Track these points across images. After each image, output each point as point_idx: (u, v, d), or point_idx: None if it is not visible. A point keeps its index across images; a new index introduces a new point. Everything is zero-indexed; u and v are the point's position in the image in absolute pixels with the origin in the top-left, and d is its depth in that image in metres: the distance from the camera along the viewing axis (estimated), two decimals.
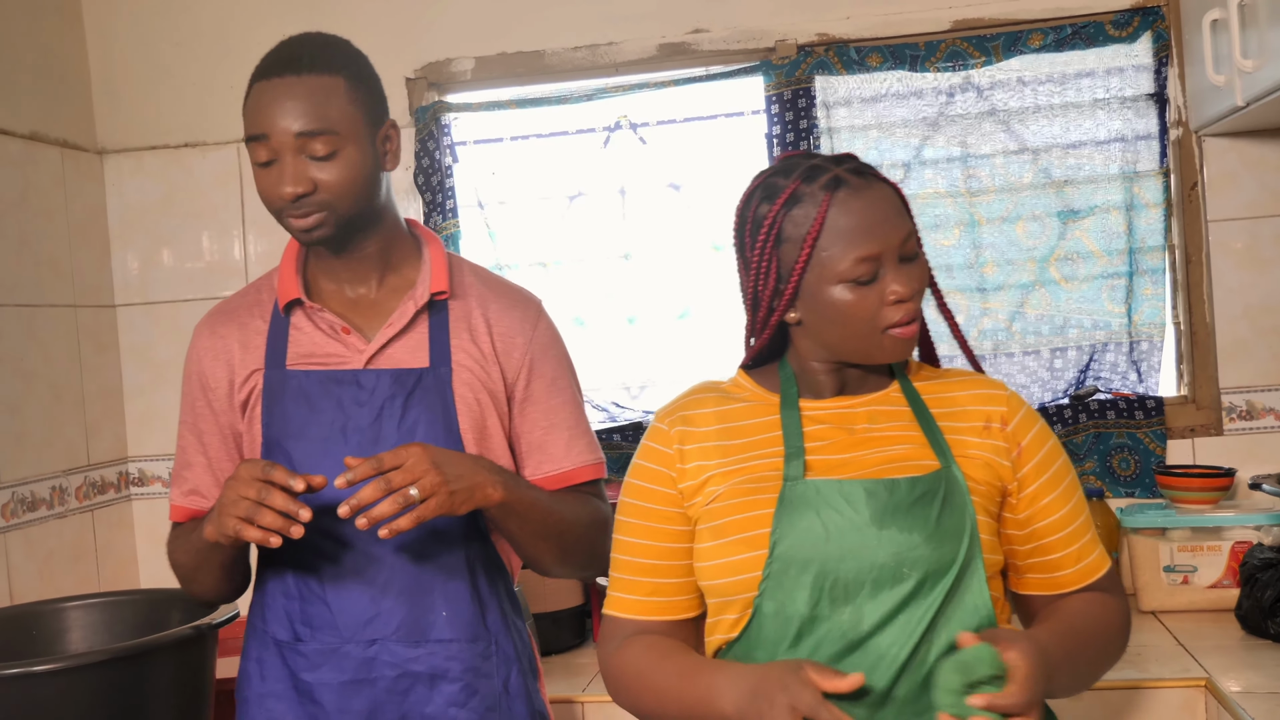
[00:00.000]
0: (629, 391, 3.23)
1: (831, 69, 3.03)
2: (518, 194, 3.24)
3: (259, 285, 1.97)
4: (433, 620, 1.87)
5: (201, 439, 1.94)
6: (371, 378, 1.85)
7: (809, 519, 1.56)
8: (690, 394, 1.74)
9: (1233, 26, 2.36)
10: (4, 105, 2.91)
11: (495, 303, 1.95)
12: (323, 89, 1.80)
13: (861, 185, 1.59)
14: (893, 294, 1.57)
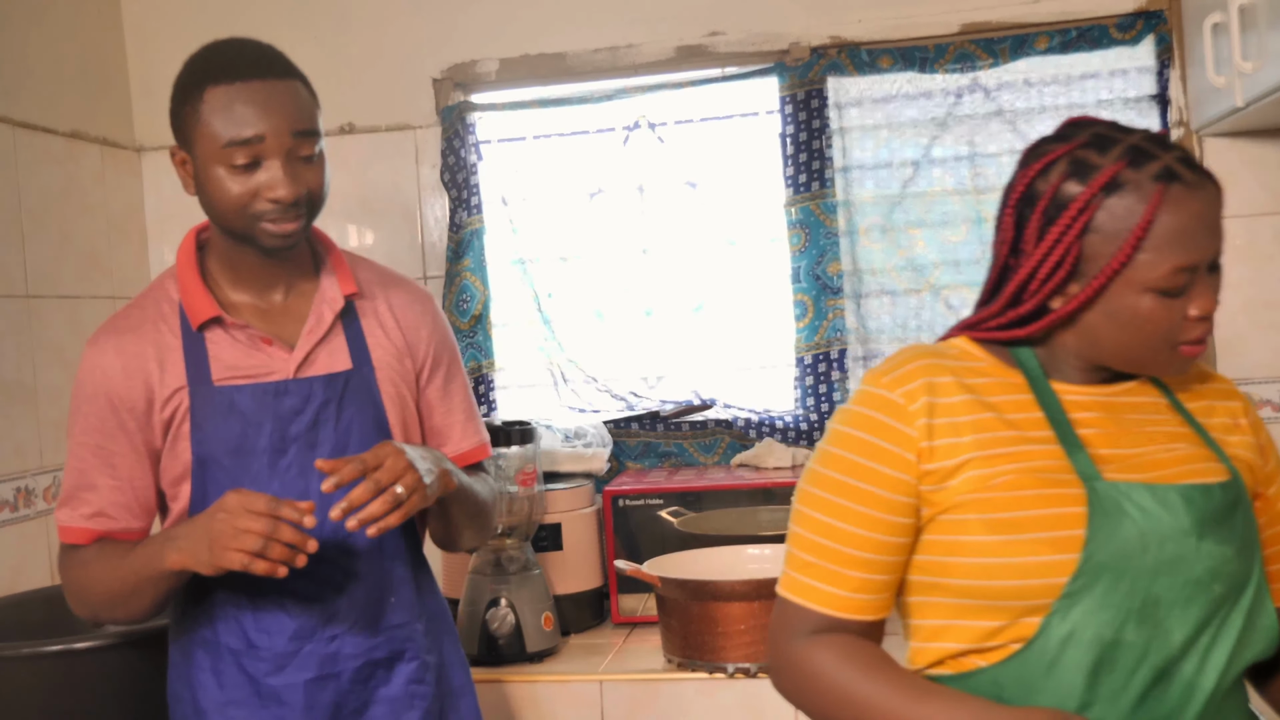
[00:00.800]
0: (646, 381, 3.23)
1: (844, 70, 3.02)
2: (540, 191, 3.24)
3: (153, 300, 1.87)
4: (383, 608, 1.89)
5: (110, 460, 1.82)
6: (305, 386, 1.83)
7: (1127, 525, 1.35)
8: (919, 359, 1.45)
9: (1233, 30, 2.34)
10: (46, 105, 2.91)
11: (397, 297, 1.97)
12: (299, 93, 1.79)
13: (1195, 183, 1.36)
14: (1197, 309, 1.37)
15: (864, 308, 3.07)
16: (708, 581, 2.47)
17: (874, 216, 3.05)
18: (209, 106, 1.73)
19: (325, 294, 1.88)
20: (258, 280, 1.86)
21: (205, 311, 1.81)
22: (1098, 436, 1.42)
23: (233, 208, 1.74)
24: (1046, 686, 1.35)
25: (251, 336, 1.82)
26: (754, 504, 2.82)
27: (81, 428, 1.83)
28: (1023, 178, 1.43)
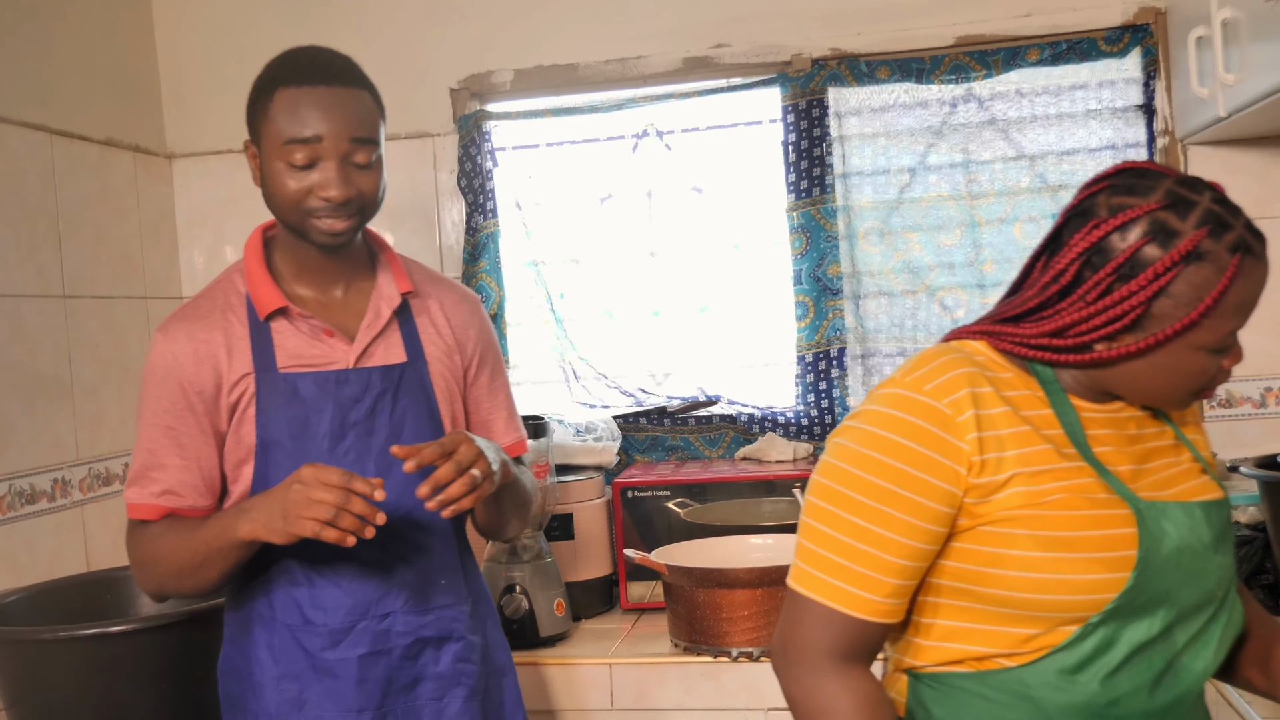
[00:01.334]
0: (653, 378, 3.24)
1: (843, 81, 3.03)
2: (552, 196, 3.25)
3: (222, 290, 1.91)
4: (434, 589, 1.92)
5: (178, 440, 1.84)
6: (364, 375, 1.87)
7: (1167, 543, 1.35)
8: (956, 367, 1.39)
9: (1216, 43, 2.35)
10: (83, 113, 2.93)
11: (447, 298, 2.01)
12: (364, 101, 1.83)
13: (1261, 254, 1.34)
14: (1231, 361, 1.39)
15: (862, 308, 3.08)
16: (712, 569, 2.48)
17: (872, 221, 3.06)
18: (278, 106, 1.78)
19: (382, 291, 1.92)
20: (320, 275, 1.90)
21: (272, 303, 1.85)
22: (1112, 454, 1.41)
23: (288, 202, 1.79)
24: (1074, 684, 1.35)
25: (314, 328, 1.86)
26: (757, 495, 2.83)
27: (152, 410, 1.85)
28: (1095, 229, 1.35)
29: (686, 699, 2.50)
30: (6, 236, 2.63)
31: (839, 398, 3.06)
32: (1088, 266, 1.36)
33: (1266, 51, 2.13)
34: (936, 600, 1.41)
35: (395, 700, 1.89)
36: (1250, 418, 2.89)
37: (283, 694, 1.87)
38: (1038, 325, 1.40)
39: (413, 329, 1.94)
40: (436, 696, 1.91)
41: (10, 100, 2.68)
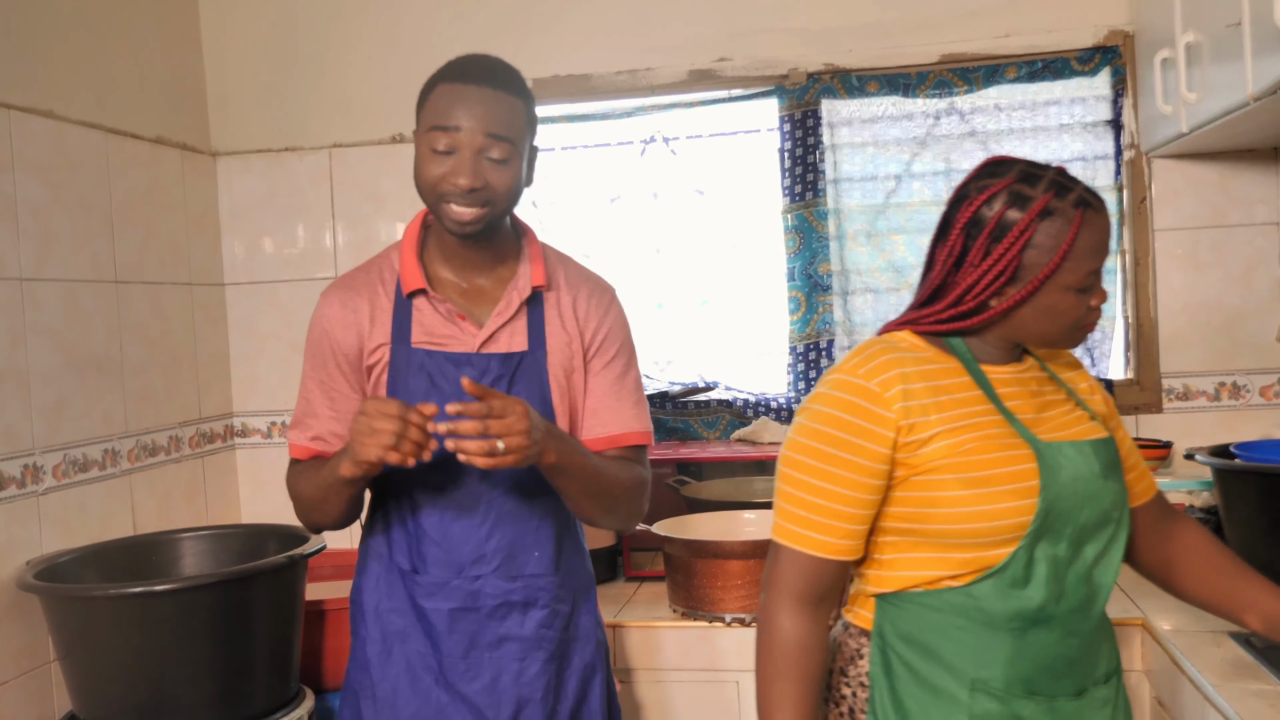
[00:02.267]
0: (657, 365, 3.26)
1: (836, 94, 3.04)
2: (566, 195, 3.26)
3: (378, 266, 1.96)
4: (526, 559, 1.94)
5: (329, 394, 1.93)
6: (484, 360, 1.89)
7: (1062, 474, 1.56)
8: (884, 354, 1.61)
9: (1180, 65, 2.36)
10: (134, 113, 2.95)
11: (580, 290, 2.00)
12: (511, 106, 1.84)
13: (1099, 207, 1.59)
14: (1098, 300, 1.61)
15: (850, 304, 3.09)
16: (709, 541, 2.50)
17: (860, 223, 3.07)
18: (434, 97, 1.83)
19: (518, 282, 1.93)
20: (462, 261, 1.92)
21: (414, 283, 1.89)
22: (1019, 406, 1.63)
23: (426, 184, 1.83)
24: (1012, 595, 1.56)
25: (449, 310, 1.89)
26: (750, 474, 2.85)
27: (310, 364, 1.95)
28: (968, 208, 1.59)
29: (683, 660, 2.52)
30: (65, 226, 2.65)
31: None
32: (969, 238, 1.59)
33: (1226, 73, 2.15)
34: (889, 539, 1.62)
35: (480, 654, 1.92)
36: (1205, 409, 2.91)
37: (390, 625, 1.94)
38: (943, 301, 1.63)
39: (539, 319, 1.94)
40: (519, 657, 1.93)
41: (70, 101, 2.70)
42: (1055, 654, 1.59)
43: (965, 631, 1.58)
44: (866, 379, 1.58)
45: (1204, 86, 2.30)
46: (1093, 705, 1.62)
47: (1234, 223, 2.87)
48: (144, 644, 2.22)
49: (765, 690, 1.64)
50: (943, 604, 1.59)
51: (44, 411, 2.56)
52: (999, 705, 1.57)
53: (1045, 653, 1.59)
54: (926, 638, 1.60)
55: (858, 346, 1.67)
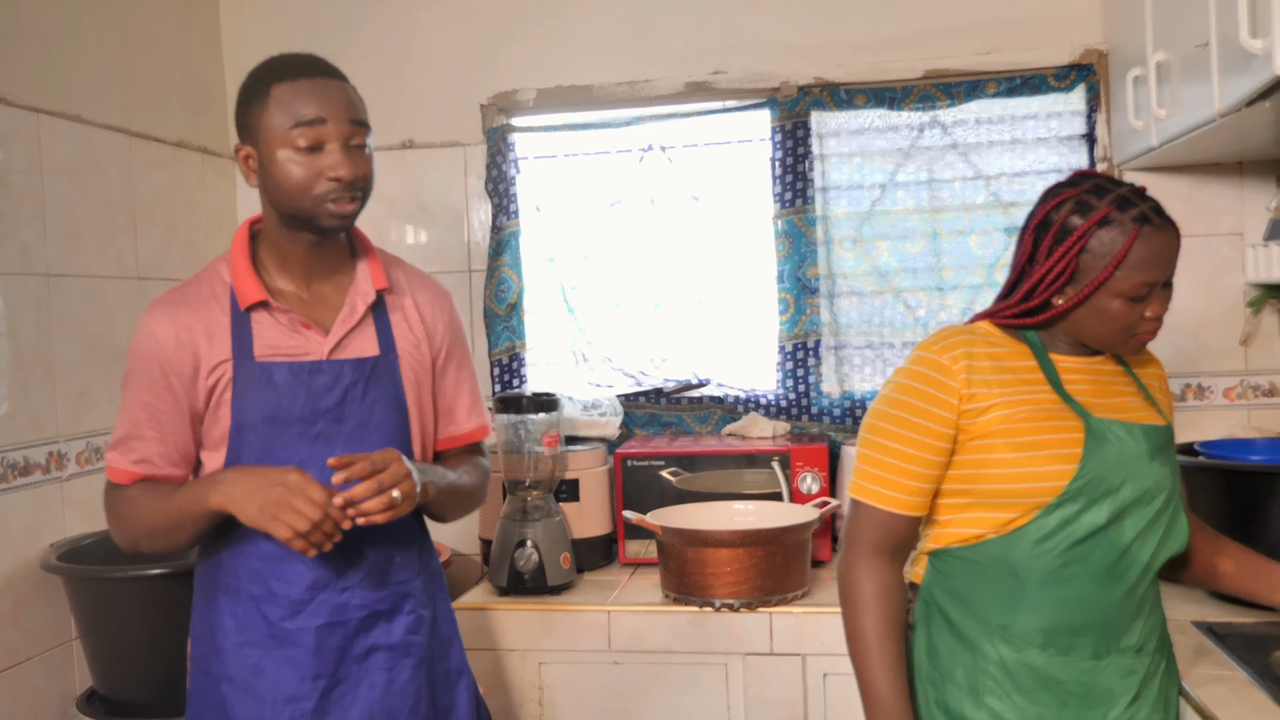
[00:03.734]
0: (653, 362, 3.24)
1: (825, 106, 3.03)
2: (568, 200, 3.25)
3: (208, 279, 1.81)
4: (390, 566, 1.85)
5: (156, 416, 1.76)
6: (336, 366, 1.78)
7: (1108, 448, 1.62)
8: (958, 335, 1.71)
9: (1151, 82, 2.36)
10: (158, 118, 2.94)
11: (421, 293, 1.92)
12: (351, 91, 1.77)
13: (1161, 226, 1.62)
14: (1152, 312, 1.64)
15: (836, 306, 3.08)
16: (700, 530, 2.49)
17: (847, 229, 3.06)
18: (276, 100, 1.70)
19: (359, 286, 1.83)
20: (302, 269, 1.81)
21: (253, 295, 1.75)
22: (1082, 390, 1.69)
23: (298, 189, 1.70)
24: (1042, 552, 1.63)
25: (292, 320, 1.77)
26: (740, 467, 2.84)
27: (135, 385, 1.77)
28: (1041, 210, 1.68)
29: (674, 643, 2.52)
30: (90, 224, 2.65)
31: (814, 383, 3.07)
32: (1038, 239, 1.68)
33: (1194, 90, 2.14)
34: (948, 501, 1.70)
35: (349, 668, 1.81)
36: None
37: (243, 660, 1.78)
38: (1016, 296, 1.71)
39: (386, 323, 1.85)
40: (388, 666, 1.83)
41: (96, 106, 2.69)
42: (1074, 613, 1.63)
43: (995, 581, 1.66)
44: (939, 354, 1.68)
45: (1173, 103, 2.30)
46: (1113, 671, 1.65)
47: (1200, 233, 2.87)
48: (162, 623, 2.22)
49: (858, 630, 1.69)
50: (980, 555, 1.67)
51: (68, 401, 2.55)
52: (1014, 653, 1.64)
53: (1065, 609, 1.63)
54: (962, 587, 1.69)
55: (938, 331, 1.75)
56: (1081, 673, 1.64)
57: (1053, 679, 1.64)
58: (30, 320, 2.44)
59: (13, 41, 2.45)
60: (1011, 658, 1.64)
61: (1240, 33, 1.78)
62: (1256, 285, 2.83)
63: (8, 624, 2.34)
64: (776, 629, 2.46)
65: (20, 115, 2.46)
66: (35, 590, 2.40)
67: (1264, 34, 1.73)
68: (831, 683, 2.44)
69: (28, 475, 2.41)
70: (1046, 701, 1.64)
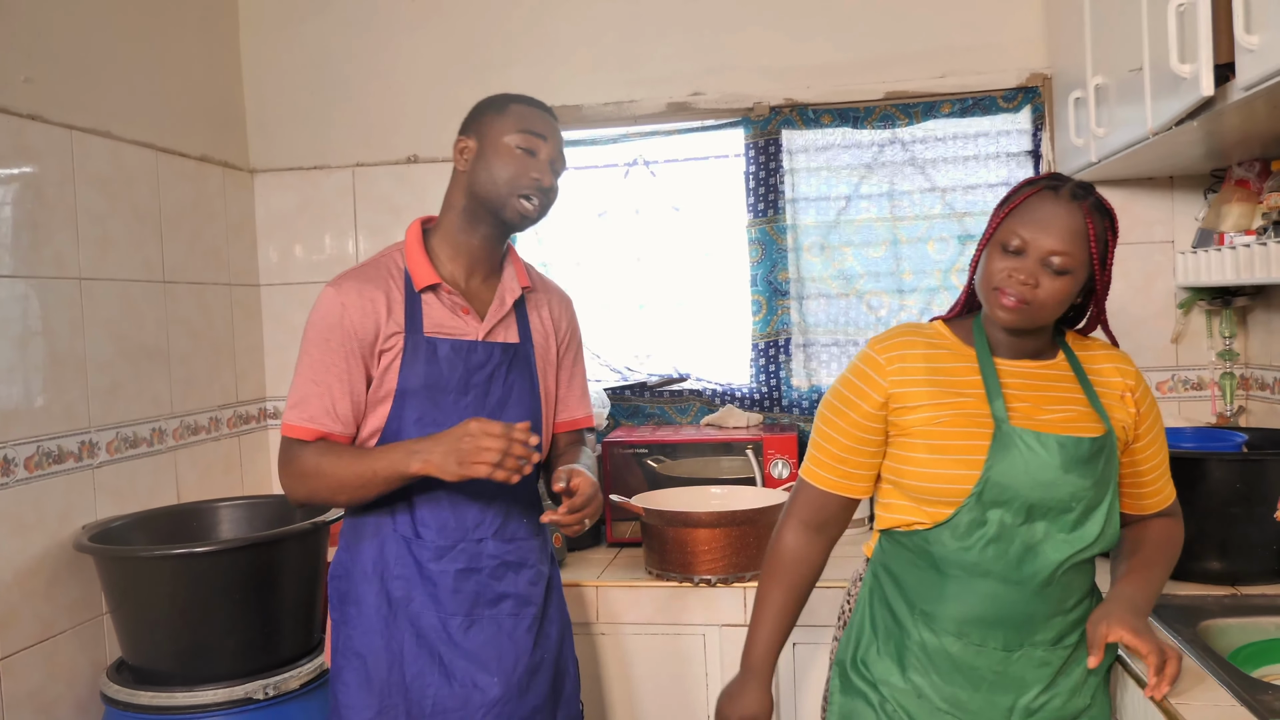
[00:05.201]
0: (637, 358, 3.25)
1: (794, 125, 3.04)
2: (559, 210, 3.21)
3: (385, 262, 1.90)
4: (518, 525, 1.94)
5: (339, 377, 1.84)
6: (489, 348, 1.89)
7: (1014, 457, 1.56)
8: (901, 335, 1.68)
9: (1090, 103, 2.38)
10: (182, 134, 2.93)
11: (552, 296, 2.06)
12: (562, 139, 1.94)
13: (1063, 198, 1.56)
14: (1014, 272, 1.56)
15: (805, 307, 3.09)
16: (680, 512, 2.50)
17: (814, 237, 3.07)
18: (515, 111, 1.87)
19: (508, 284, 1.94)
20: (468, 261, 1.91)
21: (427, 279, 1.86)
22: (1017, 397, 1.62)
23: (506, 177, 1.83)
24: (960, 546, 1.60)
25: (455, 304, 1.87)
26: (717, 455, 2.85)
27: (320, 349, 1.83)
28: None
29: (657, 616, 2.52)
30: (120, 232, 2.64)
31: (784, 378, 3.08)
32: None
33: (1128, 111, 2.16)
34: (886, 487, 1.71)
35: (481, 610, 1.89)
36: None
37: (393, 590, 1.87)
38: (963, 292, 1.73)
39: (525, 318, 1.96)
40: (514, 612, 1.92)
41: (126, 123, 2.68)
42: (987, 608, 1.60)
43: (921, 570, 1.65)
44: (878, 353, 1.66)
45: (1110, 123, 2.31)
46: (1026, 662, 1.62)
47: (1135, 240, 2.88)
48: (185, 599, 2.22)
49: (760, 589, 1.75)
50: (910, 543, 1.66)
51: (99, 394, 2.54)
52: (933, 638, 1.63)
53: (978, 605, 1.60)
54: (897, 569, 1.68)
55: (891, 328, 1.74)
56: (995, 662, 1.62)
57: (968, 665, 1.62)
58: (64, 320, 2.44)
59: (48, 63, 2.44)
60: (931, 642, 1.64)
61: (1171, 58, 1.79)
62: (1186, 289, 2.85)
63: (43, 600, 2.34)
64: (750, 602, 2.47)
65: (55, 132, 2.45)
66: (68, 569, 2.40)
67: (1191, 59, 1.75)
68: (800, 651, 2.45)
69: (61, 463, 2.40)
70: (961, 684, 1.63)
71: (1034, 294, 1.56)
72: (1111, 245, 1.61)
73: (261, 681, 2.26)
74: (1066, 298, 1.59)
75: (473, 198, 1.87)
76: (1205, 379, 2.90)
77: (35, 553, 2.32)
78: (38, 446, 2.35)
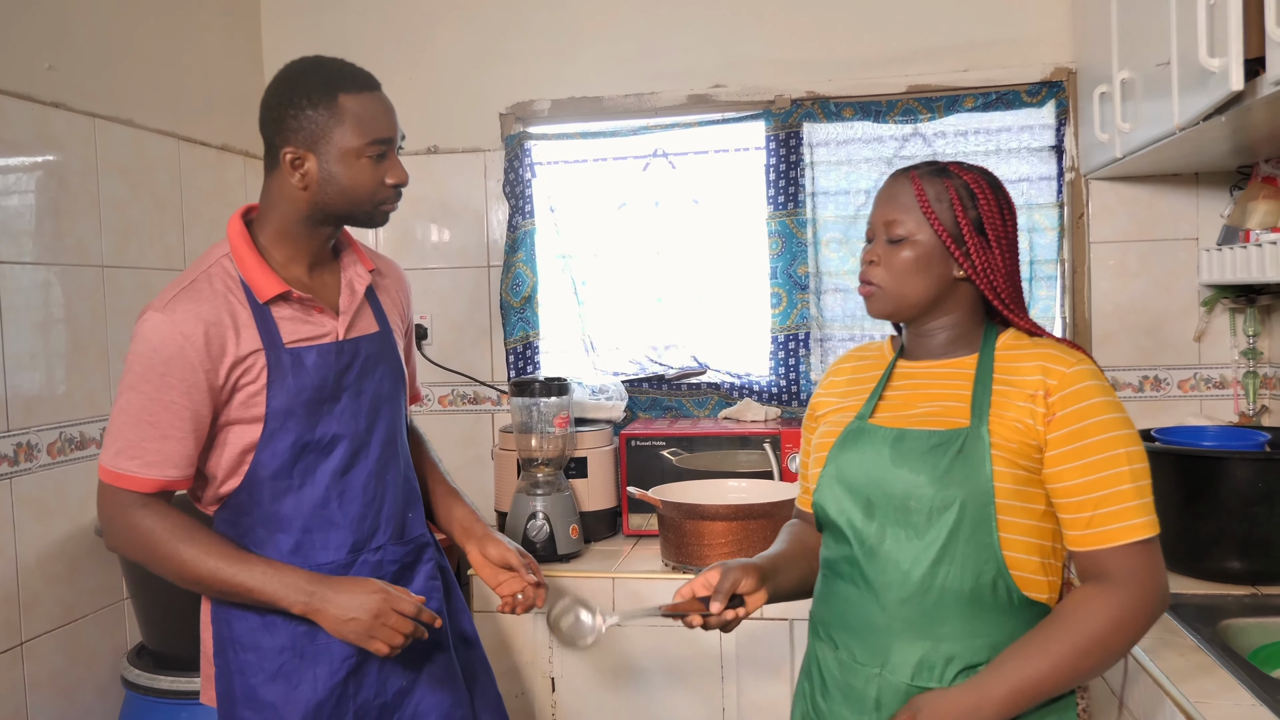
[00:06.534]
0: (655, 351, 3.25)
1: (816, 118, 3.03)
2: (579, 202, 3.25)
3: (215, 274, 1.68)
4: (407, 523, 1.87)
5: (179, 415, 1.62)
6: (353, 345, 1.77)
7: (853, 451, 1.52)
8: (850, 353, 1.70)
9: (1115, 98, 2.35)
10: (204, 123, 2.94)
11: (390, 274, 1.94)
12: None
13: (897, 175, 1.54)
14: (868, 257, 1.54)
15: (823, 301, 3.08)
16: (697, 505, 2.50)
17: (834, 231, 3.06)
18: (348, 110, 1.66)
19: (353, 270, 1.81)
20: (308, 258, 1.75)
21: (272, 289, 1.68)
22: (895, 396, 1.56)
23: (366, 191, 1.68)
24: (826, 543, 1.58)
25: (306, 306, 1.72)
26: (734, 448, 2.84)
27: (156, 386, 1.61)
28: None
29: None
30: (141, 221, 2.65)
31: (804, 371, 3.07)
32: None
33: (1155, 106, 2.14)
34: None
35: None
36: (1131, 400, 2.90)
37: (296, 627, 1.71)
38: None
39: (377, 302, 1.85)
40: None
41: (148, 112, 2.69)
42: (846, 609, 1.51)
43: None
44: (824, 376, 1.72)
45: (1136, 118, 2.29)
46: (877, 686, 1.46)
47: (1159, 237, 2.86)
48: None
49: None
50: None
51: None
52: (813, 639, 1.61)
53: (840, 604, 1.53)
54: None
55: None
56: (849, 674, 1.50)
57: (828, 670, 1.54)
58: (86, 308, 2.45)
59: (71, 53, 2.45)
60: (812, 643, 1.60)
61: (1200, 52, 1.77)
62: (1210, 286, 2.83)
63: (65, 585, 2.35)
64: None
65: (78, 120, 2.45)
66: (89, 555, 2.41)
67: (1221, 53, 1.73)
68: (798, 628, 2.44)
69: (83, 449, 2.42)
70: (820, 688, 1.55)
71: (877, 272, 1.52)
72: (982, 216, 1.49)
73: None
74: (910, 270, 1.49)
75: (320, 208, 1.70)
76: (1228, 378, 2.88)
77: (57, 538, 2.33)
78: (60, 433, 2.36)
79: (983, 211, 1.50)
